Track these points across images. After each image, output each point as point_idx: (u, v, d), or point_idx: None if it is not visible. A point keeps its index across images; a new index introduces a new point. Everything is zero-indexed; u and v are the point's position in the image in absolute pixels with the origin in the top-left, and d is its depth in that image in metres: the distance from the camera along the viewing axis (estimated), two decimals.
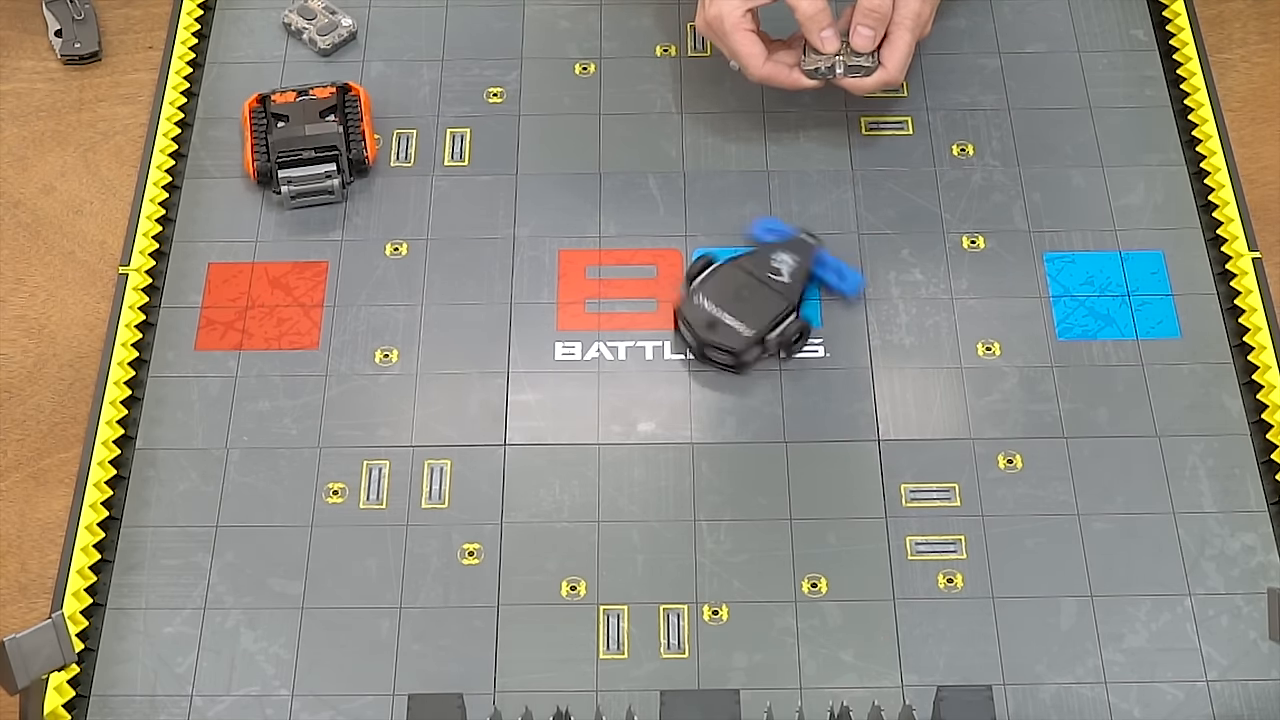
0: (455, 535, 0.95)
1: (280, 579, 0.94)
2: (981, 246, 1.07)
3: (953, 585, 0.93)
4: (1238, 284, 1.04)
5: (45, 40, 1.17)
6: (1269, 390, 0.99)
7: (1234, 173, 1.09)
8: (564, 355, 1.02)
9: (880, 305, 1.04)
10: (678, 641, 0.92)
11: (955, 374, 1.01)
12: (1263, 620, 0.92)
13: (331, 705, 0.90)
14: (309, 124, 1.09)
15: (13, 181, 1.11)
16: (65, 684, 0.89)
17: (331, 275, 1.06)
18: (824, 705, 0.89)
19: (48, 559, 0.95)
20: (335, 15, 1.17)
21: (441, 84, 1.15)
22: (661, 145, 1.11)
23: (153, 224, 1.07)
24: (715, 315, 0.99)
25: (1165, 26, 1.17)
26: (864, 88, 1.05)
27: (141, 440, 0.99)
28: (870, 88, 1.05)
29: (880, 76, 1.04)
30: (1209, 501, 0.96)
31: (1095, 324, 1.03)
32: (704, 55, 1.16)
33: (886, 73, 1.04)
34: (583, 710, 0.89)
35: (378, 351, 1.02)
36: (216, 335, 1.03)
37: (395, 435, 0.99)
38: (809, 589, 0.93)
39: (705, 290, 1.00)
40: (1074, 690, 0.90)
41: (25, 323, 1.05)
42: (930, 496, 0.96)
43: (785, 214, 1.08)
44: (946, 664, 0.91)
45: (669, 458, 0.98)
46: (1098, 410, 0.99)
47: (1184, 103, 1.13)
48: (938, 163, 1.10)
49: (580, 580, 0.94)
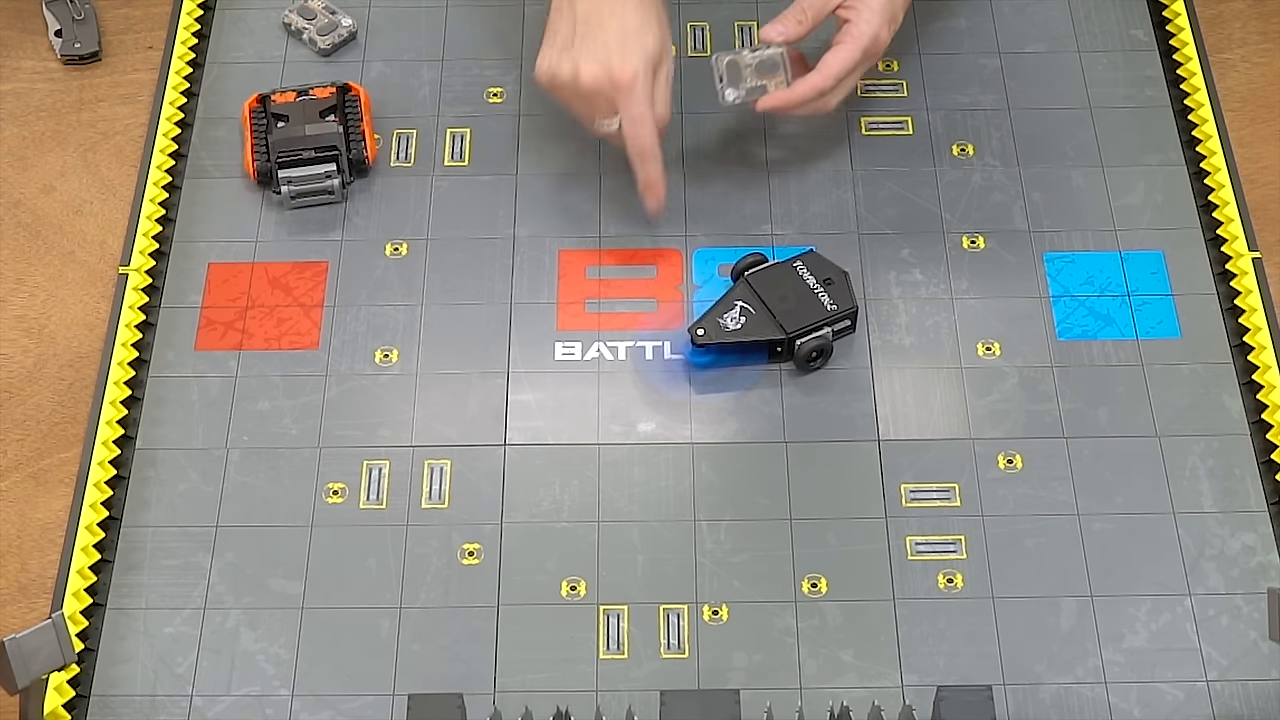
0: (455, 535, 0.95)
1: (280, 579, 0.94)
2: (981, 246, 1.07)
3: (953, 585, 0.93)
4: (1238, 284, 1.04)
5: (45, 40, 1.17)
6: (1269, 390, 0.99)
7: (1234, 173, 1.09)
8: (564, 355, 1.02)
9: (880, 305, 1.04)
10: (678, 641, 0.92)
11: (955, 374, 1.01)
12: (1263, 620, 0.92)
13: (331, 705, 0.90)
14: (309, 124, 1.09)
15: (13, 181, 1.11)
16: (65, 684, 0.89)
17: (331, 275, 1.06)
18: (824, 705, 0.89)
19: (48, 559, 0.95)
20: (335, 15, 1.17)
21: (441, 84, 1.15)
22: (661, 145, 1.11)
23: (153, 224, 1.07)
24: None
25: (1165, 26, 1.17)
26: (793, 99, 1.01)
27: (141, 440, 0.99)
28: (799, 98, 1.01)
29: (812, 81, 1.01)
30: (1209, 501, 0.96)
31: (1095, 324, 1.03)
32: (704, 55, 1.16)
33: (819, 77, 1.01)
34: (583, 710, 0.89)
35: (378, 351, 1.02)
36: (216, 335, 1.03)
37: (395, 435, 0.99)
38: (809, 589, 0.93)
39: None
40: (1074, 690, 0.90)
41: (25, 323, 1.05)
42: (930, 496, 0.96)
43: (785, 214, 1.08)
44: (946, 664, 0.91)
45: (669, 458, 0.98)
46: (1098, 410, 0.99)
47: (1184, 103, 1.13)
48: (938, 163, 1.10)
49: (580, 580, 0.94)
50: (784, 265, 1.02)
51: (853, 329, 1.02)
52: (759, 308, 1.00)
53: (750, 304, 1.00)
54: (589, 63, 0.99)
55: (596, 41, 0.99)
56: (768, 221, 1.08)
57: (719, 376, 1.01)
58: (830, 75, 1.01)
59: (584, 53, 0.99)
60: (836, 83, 1.02)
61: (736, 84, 1.03)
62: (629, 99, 0.99)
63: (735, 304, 1.00)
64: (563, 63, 1.00)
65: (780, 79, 1.03)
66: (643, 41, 0.99)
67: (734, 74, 1.03)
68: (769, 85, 1.03)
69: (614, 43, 0.99)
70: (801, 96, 1.02)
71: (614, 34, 0.99)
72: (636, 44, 0.99)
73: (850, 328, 1.01)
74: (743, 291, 1.00)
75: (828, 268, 1.02)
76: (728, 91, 1.03)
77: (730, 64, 1.03)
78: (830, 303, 1.00)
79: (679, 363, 1.02)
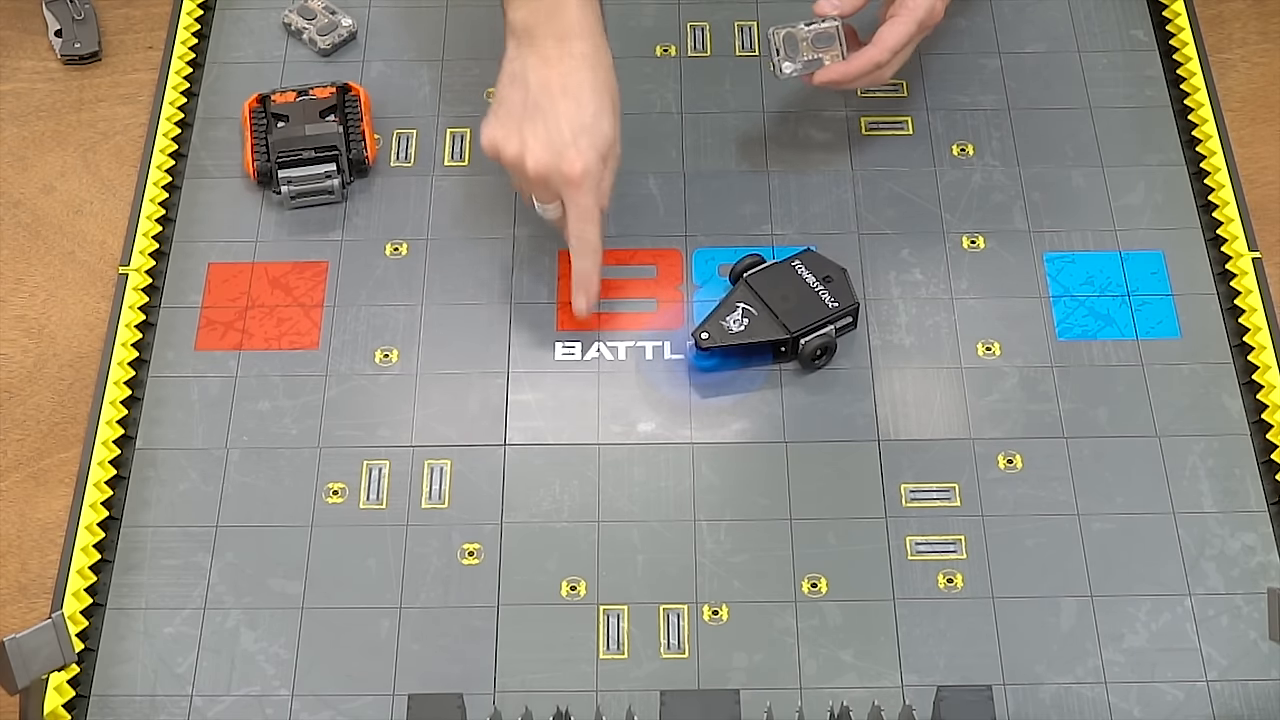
0: (455, 535, 0.95)
1: (280, 579, 0.94)
2: (981, 246, 1.07)
3: (953, 585, 0.93)
4: (1238, 284, 1.04)
5: (45, 40, 1.17)
6: (1269, 390, 0.99)
7: (1234, 173, 1.09)
8: (564, 355, 1.02)
9: (880, 305, 1.04)
10: (678, 641, 0.92)
11: (955, 374, 1.01)
12: (1263, 620, 0.92)
13: (331, 705, 0.90)
14: (309, 124, 1.09)
15: (13, 181, 1.11)
16: (65, 684, 0.89)
17: (331, 275, 1.06)
18: (824, 705, 0.89)
19: (48, 559, 0.95)
20: (335, 15, 1.17)
21: (441, 84, 1.15)
22: (661, 145, 1.11)
23: (153, 224, 1.07)
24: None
25: (1165, 26, 1.17)
26: (850, 72, 1.01)
27: (141, 440, 0.99)
28: (857, 71, 1.01)
29: (869, 54, 1.01)
30: (1209, 501, 0.96)
31: (1095, 324, 1.03)
32: (704, 55, 1.16)
33: (876, 50, 1.01)
34: (583, 710, 0.89)
35: (378, 351, 1.02)
36: (216, 335, 1.03)
37: (395, 435, 0.99)
38: (809, 589, 0.93)
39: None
40: (1074, 690, 0.90)
41: (25, 323, 1.05)
42: (930, 496, 0.96)
43: (785, 214, 1.08)
44: (946, 664, 0.91)
45: (669, 458, 0.98)
46: (1098, 410, 0.99)
47: (1184, 103, 1.13)
48: (938, 163, 1.10)
49: (580, 580, 0.94)
50: (783, 265, 1.02)
51: (854, 325, 1.02)
52: (761, 309, 1.00)
53: (752, 305, 1.00)
54: (538, 148, 0.95)
55: (548, 125, 0.95)
56: (767, 221, 1.08)
57: (719, 377, 1.01)
58: (886, 48, 1.01)
59: (532, 135, 0.95)
60: (892, 55, 1.01)
61: (793, 57, 1.03)
62: (576, 193, 0.96)
63: (737, 306, 1.00)
64: (510, 139, 0.96)
65: (836, 52, 1.03)
66: (596, 131, 0.95)
67: (791, 46, 1.03)
68: (825, 58, 1.03)
69: (566, 131, 0.95)
70: (859, 69, 1.02)
71: (566, 120, 0.95)
72: (589, 136, 0.95)
73: (852, 324, 1.01)
74: (743, 293, 1.00)
75: (826, 265, 1.02)
76: (785, 65, 1.03)
77: (787, 36, 1.03)
78: (831, 300, 1.00)
79: (679, 363, 1.02)
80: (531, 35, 0.97)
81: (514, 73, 0.98)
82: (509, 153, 0.97)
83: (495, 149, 0.98)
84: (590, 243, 0.98)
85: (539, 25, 0.96)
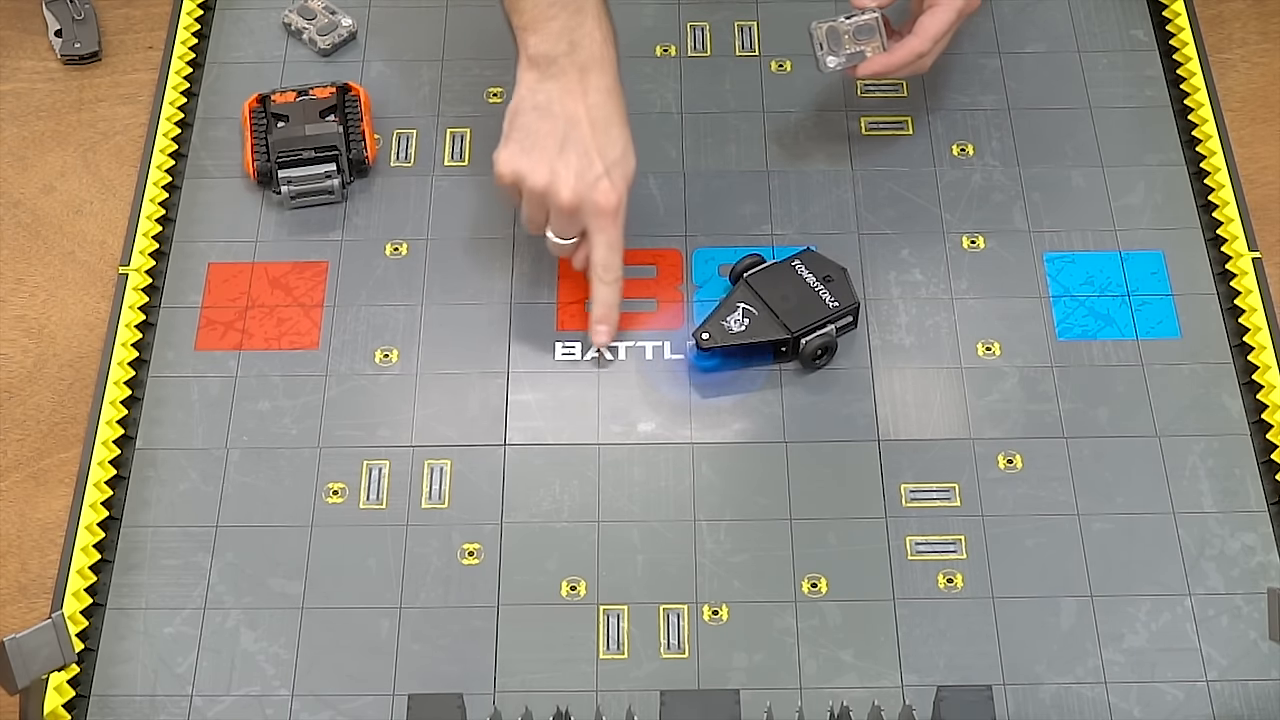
0: (455, 535, 0.95)
1: (280, 579, 0.94)
2: (981, 246, 1.07)
3: (953, 585, 0.93)
4: (1238, 284, 1.04)
5: (45, 40, 1.17)
6: (1269, 390, 0.99)
7: (1234, 173, 1.09)
8: (564, 355, 1.02)
9: (880, 305, 1.04)
10: (678, 641, 0.92)
11: (955, 374, 1.01)
12: (1263, 620, 0.92)
13: (331, 705, 0.90)
14: (309, 124, 1.09)
15: (13, 181, 1.11)
16: (65, 684, 0.89)
17: (331, 275, 1.06)
18: (824, 705, 0.89)
19: (48, 559, 0.95)
20: (335, 15, 1.17)
21: (441, 84, 1.15)
22: (661, 145, 1.11)
23: (153, 224, 1.07)
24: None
25: (1165, 26, 1.17)
26: (892, 63, 1.02)
27: (141, 440, 0.99)
28: (899, 62, 1.02)
29: (911, 45, 1.02)
30: (1209, 501, 0.96)
31: (1095, 324, 1.03)
32: (704, 55, 1.16)
33: (918, 40, 1.01)
34: (583, 710, 0.89)
35: (378, 351, 1.02)
36: (216, 335, 1.03)
37: (395, 435, 0.99)
38: (809, 589, 0.93)
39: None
40: (1074, 690, 0.90)
41: (25, 323, 1.05)
42: (930, 496, 0.96)
43: (785, 214, 1.08)
44: (946, 664, 0.91)
45: (669, 458, 0.98)
46: (1098, 410, 0.99)
47: (1184, 103, 1.13)
48: (938, 163, 1.10)
49: (580, 580, 0.94)
50: (783, 265, 1.02)
51: (855, 325, 1.02)
52: (761, 309, 1.00)
53: (752, 305, 1.00)
54: (572, 179, 0.95)
55: (580, 158, 0.96)
56: (767, 221, 1.08)
57: (719, 377, 1.01)
58: (928, 38, 1.01)
59: (564, 166, 0.96)
60: (934, 44, 1.02)
61: (837, 51, 1.03)
62: (609, 224, 0.97)
63: (737, 306, 1.00)
64: (537, 170, 0.96)
65: (877, 44, 1.03)
66: (626, 165, 0.97)
67: (834, 40, 1.03)
68: (866, 50, 1.03)
69: (599, 164, 0.96)
70: (901, 60, 1.02)
71: (599, 154, 0.96)
72: (620, 169, 0.97)
73: (853, 324, 1.02)
74: (743, 293, 1.00)
75: (826, 265, 1.02)
76: (829, 59, 1.03)
77: (830, 30, 1.03)
78: (832, 300, 1.00)
79: (679, 363, 1.02)
80: (553, 66, 0.97)
81: (538, 104, 0.97)
82: (535, 182, 0.96)
83: (518, 177, 0.97)
84: (616, 272, 0.99)
85: (561, 57, 0.96)
